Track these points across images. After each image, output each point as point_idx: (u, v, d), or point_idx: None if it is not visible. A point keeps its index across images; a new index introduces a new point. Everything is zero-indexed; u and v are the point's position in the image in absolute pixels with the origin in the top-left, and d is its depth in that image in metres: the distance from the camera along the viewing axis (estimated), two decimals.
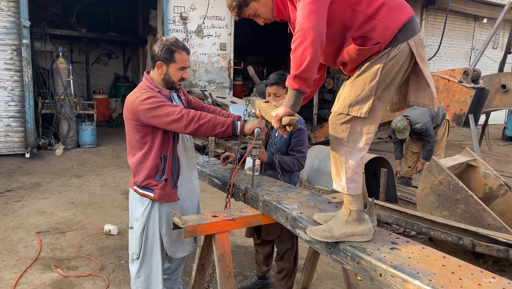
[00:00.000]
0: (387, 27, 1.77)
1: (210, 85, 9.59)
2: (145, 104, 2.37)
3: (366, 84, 1.81)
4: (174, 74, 2.53)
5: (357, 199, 1.91)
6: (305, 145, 3.10)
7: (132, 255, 2.65)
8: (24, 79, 7.50)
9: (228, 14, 9.60)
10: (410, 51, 1.80)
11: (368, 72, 1.81)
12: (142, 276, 2.64)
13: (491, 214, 3.81)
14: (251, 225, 2.56)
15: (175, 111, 2.36)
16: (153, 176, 2.52)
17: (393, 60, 1.79)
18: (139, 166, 2.54)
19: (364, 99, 1.82)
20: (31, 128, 7.67)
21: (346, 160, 1.88)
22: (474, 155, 4.67)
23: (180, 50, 2.51)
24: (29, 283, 3.45)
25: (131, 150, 2.58)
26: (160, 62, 2.49)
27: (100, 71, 13.62)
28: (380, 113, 1.90)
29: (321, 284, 3.66)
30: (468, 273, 1.63)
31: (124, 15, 12.81)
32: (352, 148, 1.88)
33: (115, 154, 8.27)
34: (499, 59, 8.53)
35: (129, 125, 2.52)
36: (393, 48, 1.79)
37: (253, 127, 2.44)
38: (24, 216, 4.90)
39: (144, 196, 2.57)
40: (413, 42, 1.80)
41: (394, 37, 1.78)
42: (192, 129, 2.36)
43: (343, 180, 1.89)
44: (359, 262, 1.79)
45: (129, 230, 2.69)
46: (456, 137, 11.86)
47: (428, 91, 1.87)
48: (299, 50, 1.70)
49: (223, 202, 2.73)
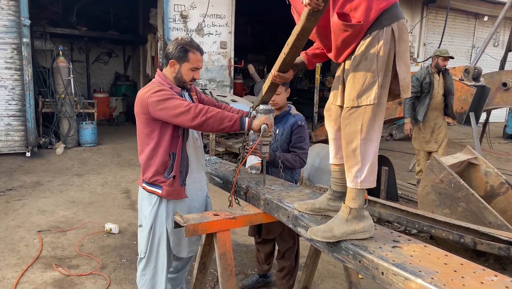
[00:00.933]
0: (370, 7, 1.79)
1: (211, 84, 9.58)
2: (154, 96, 2.37)
3: (367, 72, 1.83)
4: (186, 74, 2.52)
5: (360, 195, 1.91)
6: (306, 141, 3.10)
7: (140, 253, 2.64)
8: (25, 78, 7.50)
9: (229, 13, 9.60)
10: (393, 35, 1.82)
11: (366, 60, 1.83)
12: (148, 274, 2.62)
13: (492, 212, 3.81)
14: (253, 223, 2.56)
15: (183, 104, 2.35)
16: (161, 172, 2.50)
17: (384, 44, 1.81)
18: (147, 162, 2.53)
19: (369, 86, 1.84)
20: (31, 127, 7.67)
21: (362, 153, 1.88)
22: (475, 153, 4.66)
23: (195, 50, 2.51)
24: (31, 282, 3.45)
25: (141, 145, 2.57)
26: (174, 60, 2.49)
27: (100, 70, 13.62)
28: (385, 101, 1.91)
29: (322, 282, 3.66)
30: (470, 272, 1.62)
31: (124, 13, 12.81)
32: (365, 139, 1.87)
33: (115, 153, 8.27)
34: (500, 57, 8.51)
35: (139, 120, 2.52)
36: (380, 32, 1.81)
37: (260, 123, 2.43)
38: (25, 215, 4.90)
39: (152, 192, 2.55)
40: (396, 27, 1.82)
41: (377, 20, 1.81)
42: (199, 122, 2.34)
43: (359, 174, 1.88)
44: (361, 260, 1.79)
45: (138, 228, 2.68)
46: (457, 136, 11.85)
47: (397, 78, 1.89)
48: None
49: (225, 201, 2.73)
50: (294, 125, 3.05)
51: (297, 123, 3.06)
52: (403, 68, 1.88)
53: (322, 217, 2.14)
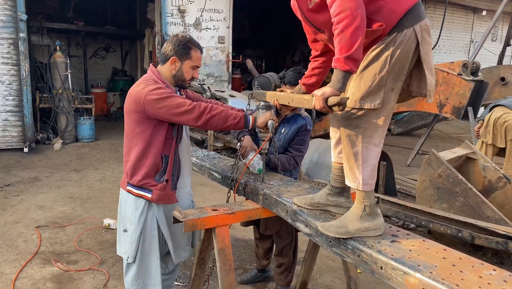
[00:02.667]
0: (393, 10, 1.73)
1: (209, 79, 9.55)
2: (153, 94, 2.26)
3: (376, 75, 1.77)
4: (187, 72, 2.42)
5: (370, 194, 1.90)
6: (305, 146, 3.06)
7: (127, 258, 2.51)
8: (22, 73, 7.46)
9: (227, 7, 9.55)
10: (415, 37, 1.76)
11: (377, 62, 1.77)
12: (140, 278, 2.53)
13: (490, 206, 3.82)
14: (251, 218, 2.56)
15: (185, 102, 2.27)
16: (152, 175, 2.39)
17: (401, 47, 1.75)
18: (136, 163, 2.39)
19: (376, 90, 1.78)
20: (29, 122, 7.64)
21: (363, 157, 1.84)
22: (473, 147, 4.67)
23: (196, 48, 2.42)
24: (29, 278, 3.45)
25: (128, 145, 2.44)
26: (175, 57, 2.38)
27: (98, 65, 13.55)
28: (393, 106, 1.86)
29: (321, 277, 3.67)
30: (469, 266, 1.63)
31: (121, 8, 12.72)
32: (368, 143, 1.84)
33: (113, 148, 8.25)
34: (498, 51, 8.51)
35: (130, 118, 2.39)
36: (399, 34, 1.74)
37: (266, 120, 2.39)
38: (23, 211, 4.89)
39: (139, 196, 2.43)
40: (419, 28, 1.76)
41: (399, 22, 1.74)
42: (203, 121, 2.27)
43: (359, 177, 1.86)
44: (359, 255, 1.79)
45: (122, 233, 2.53)
46: (454, 130, 11.86)
47: (425, 82, 1.83)
48: (349, 31, 1.64)
49: (223, 196, 2.72)
50: (302, 128, 3.00)
51: (305, 127, 3.00)
52: (429, 71, 1.82)
53: (321, 212, 2.14)
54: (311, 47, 2.22)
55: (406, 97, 1.97)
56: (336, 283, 3.58)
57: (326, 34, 1.90)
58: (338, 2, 1.65)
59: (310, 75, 2.27)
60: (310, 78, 2.27)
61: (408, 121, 10.40)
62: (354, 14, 1.63)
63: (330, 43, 1.95)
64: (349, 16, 1.63)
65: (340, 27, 1.66)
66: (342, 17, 1.65)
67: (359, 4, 1.65)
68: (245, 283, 3.50)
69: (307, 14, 1.90)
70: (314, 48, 2.21)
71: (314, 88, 2.27)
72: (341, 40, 1.66)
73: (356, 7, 1.63)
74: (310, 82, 2.27)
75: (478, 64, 5.94)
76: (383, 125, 1.84)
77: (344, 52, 1.66)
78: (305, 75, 2.30)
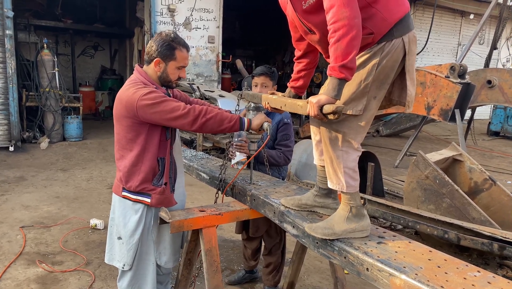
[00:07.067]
0: (385, 18, 1.74)
1: (198, 79, 9.52)
2: (146, 99, 2.17)
3: (361, 82, 1.78)
4: (172, 73, 2.33)
5: (355, 196, 1.91)
6: (291, 139, 3.10)
7: (123, 266, 2.41)
8: (8, 71, 7.35)
9: (217, 7, 9.53)
10: (403, 47, 1.78)
11: (363, 70, 1.78)
12: (136, 283, 2.46)
13: (476, 208, 3.86)
14: (239, 219, 2.55)
15: (180, 106, 2.19)
16: (149, 179, 2.32)
17: (388, 57, 1.77)
18: (131, 169, 2.31)
19: (359, 97, 1.79)
20: (15, 121, 7.54)
21: (344, 160, 1.85)
22: (460, 149, 4.71)
23: (181, 47, 2.32)
24: (13, 279, 3.39)
25: (121, 151, 2.36)
26: (159, 59, 2.28)
27: (86, 64, 13.42)
28: (374, 113, 1.87)
29: (309, 277, 3.68)
30: (453, 267, 1.64)
31: (111, 6, 12.62)
32: (348, 147, 1.85)
33: (101, 148, 8.17)
34: (485, 54, 8.61)
35: (120, 124, 2.30)
36: (388, 43, 1.76)
37: (261, 122, 2.36)
38: (7, 210, 4.81)
39: (137, 202, 2.36)
40: (407, 39, 1.78)
41: (389, 31, 1.75)
42: (198, 125, 2.21)
43: (342, 180, 1.87)
44: (346, 256, 1.80)
45: (116, 241, 2.43)
46: (442, 132, 12.00)
47: (406, 92, 1.85)
48: (345, 41, 1.63)
49: (211, 196, 2.71)
50: (280, 122, 3.05)
51: (283, 121, 3.05)
52: (410, 82, 1.85)
53: (308, 213, 2.14)
54: (294, 46, 2.23)
55: (387, 105, 1.99)
56: (323, 283, 3.59)
57: (318, 35, 1.89)
58: (336, 10, 1.64)
59: (297, 78, 2.27)
60: (298, 81, 2.27)
61: (396, 122, 10.48)
62: (351, 24, 1.63)
63: (319, 45, 1.95)
64: (346, 26, 1.63)
65: (337, 36, 1.65)
66: (339, 26, 1.64)
67: (357, 14, 1.64)
68: (232, 284, 3.49)
69: (300, 14, 1.89)
70: (298, 48, 2.21)
71: (303, 90, 2.29)
72: (337, 50, 1.66)
73: (354, 17, 1.63)
74: (298, 85, 2.28)
75: (465, 67, 6.00)
76: (363, 131, 1.87)
77: (340, 61, 1.66)
78: (292, 78, 2.30)
